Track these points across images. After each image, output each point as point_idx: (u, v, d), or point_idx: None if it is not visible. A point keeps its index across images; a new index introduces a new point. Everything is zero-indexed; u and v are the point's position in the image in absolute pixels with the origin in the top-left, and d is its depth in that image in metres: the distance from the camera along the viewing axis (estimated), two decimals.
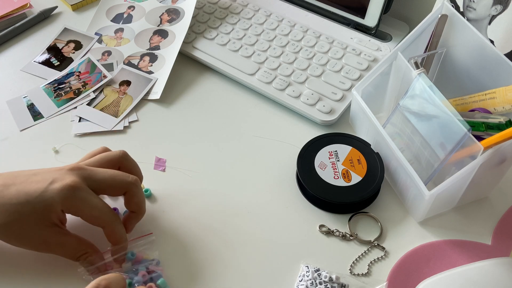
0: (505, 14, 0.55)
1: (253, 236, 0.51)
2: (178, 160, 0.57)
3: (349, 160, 0.54)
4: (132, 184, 0.46)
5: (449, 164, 0.48)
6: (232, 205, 0.53)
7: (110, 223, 0.45)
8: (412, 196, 0.50)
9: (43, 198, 0.42)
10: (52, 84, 0.65)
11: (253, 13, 0.73)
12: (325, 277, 0.46)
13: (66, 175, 0.44)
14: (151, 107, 0.63)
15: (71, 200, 0.43)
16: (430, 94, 0.48)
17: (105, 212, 0.45)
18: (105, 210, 0.45)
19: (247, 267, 0.48)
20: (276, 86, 0.63)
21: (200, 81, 0.66)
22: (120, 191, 0.47)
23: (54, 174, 0.44)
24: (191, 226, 0.51)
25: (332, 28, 0.70)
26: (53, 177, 0.43)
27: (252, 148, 0.59)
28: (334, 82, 0.63)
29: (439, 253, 0.49)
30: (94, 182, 0.45)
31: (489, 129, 0.47)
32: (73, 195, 0.43)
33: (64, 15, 0.76)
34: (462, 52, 0.54)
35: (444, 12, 0.54)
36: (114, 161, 0.48)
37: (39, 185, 0.43)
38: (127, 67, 0.67)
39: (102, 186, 0.45)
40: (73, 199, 0.43)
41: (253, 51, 0.67)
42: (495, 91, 0.49)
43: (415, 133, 0.50)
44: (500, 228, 0.51)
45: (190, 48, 0.69)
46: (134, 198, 0.47)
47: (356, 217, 0.52)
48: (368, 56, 0.66)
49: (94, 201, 0.44)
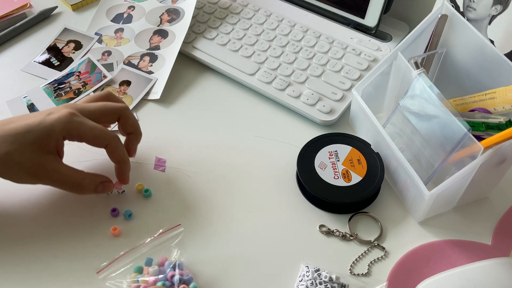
0: (505, 14, 0.55)
1: (253, 236, 0.51)
2: (178, 160, 0.57)
3: (349, 160, 0.54)
4: (124, 107, 0.50)
5: (449, 164, 0.48)
6: (232, 205, 0.53)
7: (112, 140, 0.48)
8: (412, 196, 0.50)
9: (44, 125, 0.45)
10: (52, 84, 0.65)
11: (253, 13, 0.73)
12: (325, 277, 0.46)
13: (62, 108, 0.47)
14: (151, 107, 0.63)
15: (71, 123, 0.46)
16: (430, 94, 0.48)
17: (105, 130, 0.48)
18: (105, 129, 0.48)
19: (247, 267, 0.48)
20: (276, 86, 0.63)
21: (200, 81, 0.67)
22: (113, 117, 0.50)
23: (50, 110, 0.47)
24: (191, 226, 0.51)
25: (332, 28, 0.70)
26: (50, 110, 0.46)
27: (252, 148, 0.59)
28: (334, 82, 0.63)
29: (439, 253, 0.49)
30: (88, 112, 0.48)
31: (489, 129, 0.47)
32: (72, 119, 0.46)
33: (64, 15, 0.76)
34: (462, 52, 0.54)
35: (444, 12, 0.54)
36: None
37: (38, 117, 0.46)
38: (127, 67, 0.67)
39: (96, 115, 0.48)
40: (73, 123, 0.46)
41: (253, 51, 0.67)
42: (495, 91, 0.49)
43: (415, 133, 0.50)
44: (500, 228, 0.51)
45: (190, 48, 0.69)
46: (129, 120, 0.51)
47: (356, 217, 0.52)
48: (368, 56, 0.66)
49: (92, 123, 0.47)
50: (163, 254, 0.48)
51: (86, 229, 0.50)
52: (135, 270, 0.46)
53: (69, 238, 0.49)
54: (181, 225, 0.50)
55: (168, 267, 0.46)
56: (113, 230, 0.49)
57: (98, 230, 0.49)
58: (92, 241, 0.49)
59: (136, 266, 0.47)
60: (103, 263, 0.47)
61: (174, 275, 0.45)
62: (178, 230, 0.50)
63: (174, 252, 0.48)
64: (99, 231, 0.49)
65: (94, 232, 0.50)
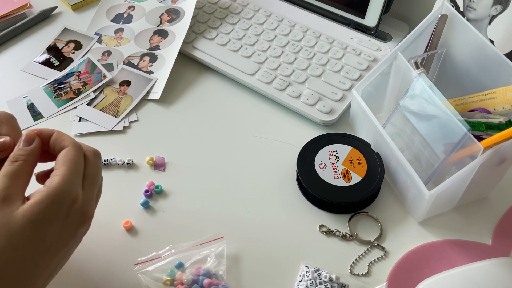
0: (505, 14, 0.55)
1: (253, 236, 0.51)
2: (178, 160, 0.57)
3: (349, 160, 0.54)
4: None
5: (449, 164, 0.48)
6: (232, 205, 0.53)
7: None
8: (412, 196, 0.50)
9: None
10: (52, 84, 0.65)
11: (253, 13, 0.73)
12: (325, 277, 0.46)
13: None
14: (151, 107, 0.63)
15: None
16: (430, 94, 0.48)
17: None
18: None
19: (247, 267, 0.48)
20: (276, 86, 0.63)
21: (200, 81, 0.66)
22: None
23: None
24: (191, 225, 0.51)
25: (332, 28, 0.70)
26: None
27: (252, 148, 0.59)
28: (334, 82, 0.63)
29: (439, 253, 0.49)
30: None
31: (489, 129, 0.47)
32: None
33: (64, 15, 0.76)
34: (462, 52, 0.54)
35: (444, 12, 0.54)
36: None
37: None
38: (127, 67, 0.67)
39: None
40: None
41: (253, 51, 0.67)
42: (495, 91, 0.49)
43: (415, 133, 0.50)
44: (500, 228, 0.51)
45: (190, 48, 0.69)
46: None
47: (356, 217, 0.52)
48: (368, 56, 0.66)
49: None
50: (199, 263, 0.48)
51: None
52: (168, 274, 0.46)
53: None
54: (224, 237, 0.49)
55: (203, 275, 0.46)
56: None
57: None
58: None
59: (170, 270, 0.47)
60: (141, 258, 0.48)
61: (210, 284, 0.45)
62: (221, 241, 0.49)
63: (213, 261, 0.48)
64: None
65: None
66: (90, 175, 0.40)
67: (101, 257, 0.49)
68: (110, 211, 0.52)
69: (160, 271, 0.47)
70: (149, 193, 0.53)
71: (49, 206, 0.36)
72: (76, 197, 0.38)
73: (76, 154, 0.39)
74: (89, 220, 0.40)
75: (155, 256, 0.48)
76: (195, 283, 0.46)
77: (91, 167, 0.40)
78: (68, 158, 0.39)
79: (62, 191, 0.37)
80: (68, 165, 0.38)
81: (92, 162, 0.41)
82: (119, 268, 0.48)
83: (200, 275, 0.46)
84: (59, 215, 0.37)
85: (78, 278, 0.47)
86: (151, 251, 0.48)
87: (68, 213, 0.37)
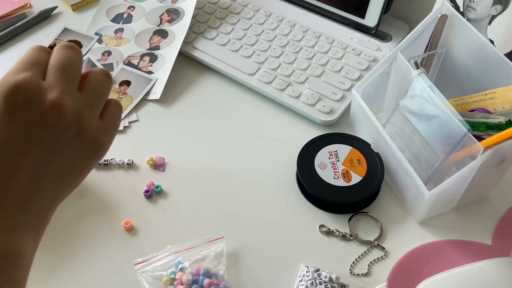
0: (505, 14, 0.55)
1: (253, 236, 0.51)
2: (178, 160, 0.57)
3: (349, 160, 0.54)
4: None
5: (449, 164, 0.48)
6: (232, 205, 0.53)
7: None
8: (412, 196, 0.50)
9: None
10: None
11: (253, 13, 0.73)
12: (325, 277, 0.46)
13: None
14: (151, 107, 0.63)
15: None
16: (430, 94, 0.48)
17: None
18: None
19: (246, 267, 0.48)
20: (276, 86, 0.63)
21: (200, 81, 0.66)
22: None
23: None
24: (191, 226, 0.51)
25: (332, 28, 0.70)
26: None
27: (252, 148, 0.59)
28: (334, 82, 0.63)
29: (439, 253, 0.49)
30: None
31: (489, 129, 0.47)
32: None
33: (64, 15, 0.76)
34: (462, 52, 0.54)
35: (444, 12, 0.54)
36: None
37: None
38: (127, 67, 0.67)
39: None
40: None
41: (253, 51, 0.67)
42: (495, 91, 0.49)
43: (415, 133, 0.50)
44: (500, 228, 0.51)
45: (190, 48, 0.69)
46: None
47: (356, 217, 0.52)
48: (368, 56, 0.66)
49: None
50: (199, 263, 0.48)
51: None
52: (168, 274, 0.46)
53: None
54: (224, 237, 0.49)
55: (202, 274, 0.46)
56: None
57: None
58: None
59: (170, 270, 0.47)
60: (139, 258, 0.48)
61: (210, 284, 0.45)
62: (221, 241, 0.49)
63: (213, 261, 0.48)
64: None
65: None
66: (53, 64, 0.32)
67: (101, 257, 0.49)
68: (110, 211, 0.52)
69: (160, 271, 0.47)
70: (149, 193, 0.53)
71: None
72: (23, 84, 0.31)
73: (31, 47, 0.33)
74: (76, 121, 0.31)
75: (155, 256, 0.48)
76: (195, 283, 0.46)
77: (55, 55, 0.33)
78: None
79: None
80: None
81: (57, 50, 0.33)
82: (119, 268, 0.48)
83: (200, 275, 0.46)
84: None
85: (78, 278, 0.47)
86: (151, 251, 0.48)
87: (23, 103, 0.30)
